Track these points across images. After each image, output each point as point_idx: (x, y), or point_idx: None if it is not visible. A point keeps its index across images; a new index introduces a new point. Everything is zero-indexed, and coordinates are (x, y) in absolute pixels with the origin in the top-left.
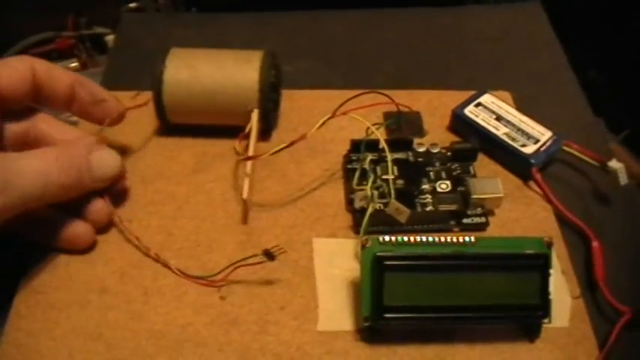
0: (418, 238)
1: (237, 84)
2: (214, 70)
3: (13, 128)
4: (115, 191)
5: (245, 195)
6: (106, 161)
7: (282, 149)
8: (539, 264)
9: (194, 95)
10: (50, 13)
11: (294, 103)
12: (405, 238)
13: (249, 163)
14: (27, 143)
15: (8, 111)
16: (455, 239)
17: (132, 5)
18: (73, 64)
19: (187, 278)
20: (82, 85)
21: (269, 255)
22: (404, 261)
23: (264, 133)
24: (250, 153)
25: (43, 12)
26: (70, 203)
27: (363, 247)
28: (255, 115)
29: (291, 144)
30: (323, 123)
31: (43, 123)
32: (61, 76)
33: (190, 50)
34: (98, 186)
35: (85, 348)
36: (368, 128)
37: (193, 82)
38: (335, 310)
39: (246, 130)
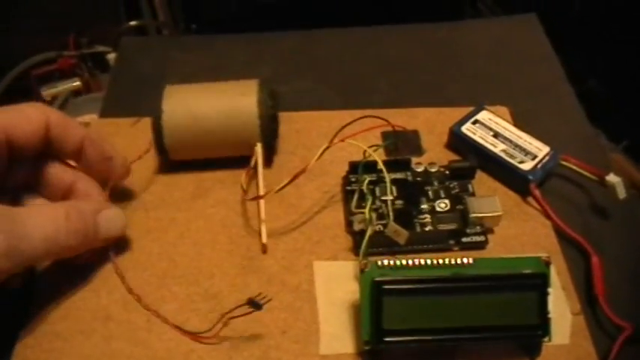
0: (417, 261)
1: (238, 121)
2: (212, 110)
3: (22, 172)
4: None
5: (264, 240)
6: (112, 222)
7: (286, 185)
8: (537, 283)
9: (195, 136)
10: (52, 33)
11: (293, 125)
12: (404, 262)
13: (262, 205)
14: (36, 185)
15: (19, 157)
16: (453, 261)
17: (132, 23)
18: (76, 83)
19: (184, 334)
20: (91, 141)
21: (255, 304)
22: (402, 285)
23: (267, 160)
24: (261, 192)
25: (45, 32)
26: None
27: (362, 271)
28: (258, 149)
29: (294, 179)
30: (322, 153)
31: (52, 167)
32: (73, 130)
33: (184, 88)
34: (101, 245)
35: None
36: (365, 151)
37: (193, 124)
38: (337, 334)
39: (252, 164)
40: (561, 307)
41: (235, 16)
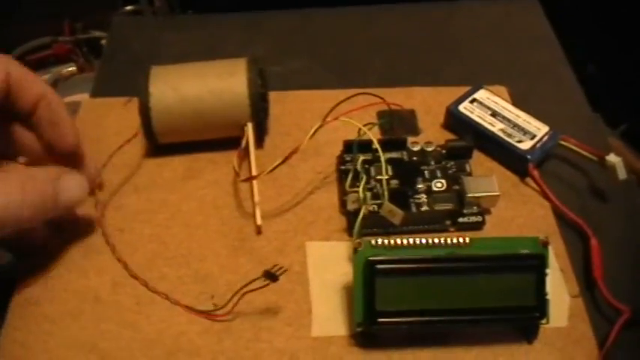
0: (411, 241)
1: (227, 101)
2: (201, 90)
3: None
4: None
5: (259, 222)
6: (72, 188)
7: (278, 165)
8: (535, 264)
9: (184, 118)
10: (47, 19)
11: (286, 105)
12: (399, 241)
13: (255, 186)
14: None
15: None
16: (448, 241)
17: (128, 8)
18: (71, 68)
19: (197, 314)
20: (47, 101)
21: (271, 276)
22: (396, 264)
23: (258, 141)
24: (253, 172)
25: (40, 18)
26: None
27: (355, 250)
28: (249, 129)
29: (286, 159)
30: (314, 132)
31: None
32: (32, 85)
33: (171, 69)
34: (62, 212)
35: (79, 359)
36: (360, 129)
37: (181, 105)
38: (329, 315)
39: (243, 144)
40: (559, 290)
41: (231, 1)
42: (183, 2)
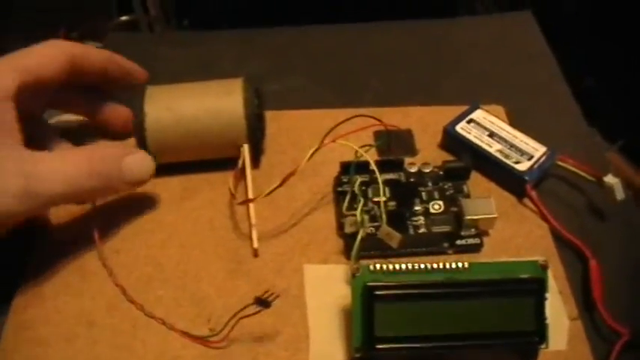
0: (410, 266)
1: (223, 121)
2: (197, 111)
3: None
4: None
5: (256, 244)
6: (138, 166)
7: (275, 189)
8: (535, 289)
9: (179, 138)
10: (42, 28)
11: (283, 124)
12: (397, 266)
13: (252, 209)
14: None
15: (45, 92)
16: (447, 265)
17: (123, 18)
18: None
19: (192, 340)
20: (112, 61)
21: (262, 302)
22: (395, 290)
23: (255, 160)
24: (250, 195)
25: (36, 27)
26: None
27: (354, 275)
28: (245, 150)
29: (284, 182)
30: (312, 155)
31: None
32: (94, 57)
33: (165, 88)
34: (127, 189)
35: None
36: (356, 151)
37: (177, 126)
38: (327, 340)
39: (239, 165)
40: (558, 312)
41: (227, 11)
42: (179, 12)
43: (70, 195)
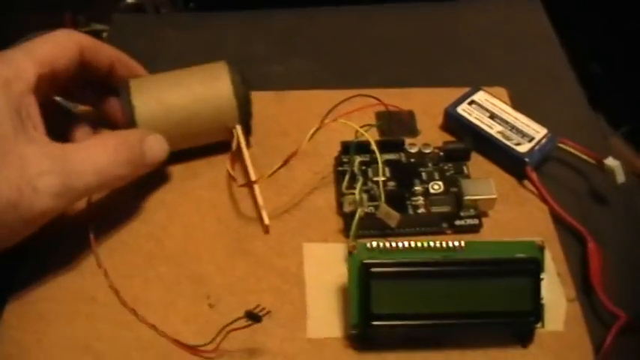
0: (406, 244)
1: (214, 107)
2: (186, 98)
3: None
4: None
5: (267, 221)
6: (156, 147)
7: (278, 169)
8: (531, 269)
9: (170, 128)
10: (48, 11)
11: (284, 105)
12: (394, 244)
13: (257, 190)
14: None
15: (58, 83)
16: (444, 244)
17: (129, 1)
18: None
19: (182, 347)
20: (120, 61)
21: (253, 317)
22: (391, 268)
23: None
24: (251, 175)
25: (42, 10)
26: None
27: (350, 253)
28: (239, 132)
29: (285, 162)
30: (312, 134)
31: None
32: (104, 52)
33: (150, 79)
34: (147, 171)
35: (74, 359)
36: (357, 131)
37: (168, 116)
38: (324, 317)
39: (233, 147)
40: (556, 294)
41: None
42: None
43: (102, 185)
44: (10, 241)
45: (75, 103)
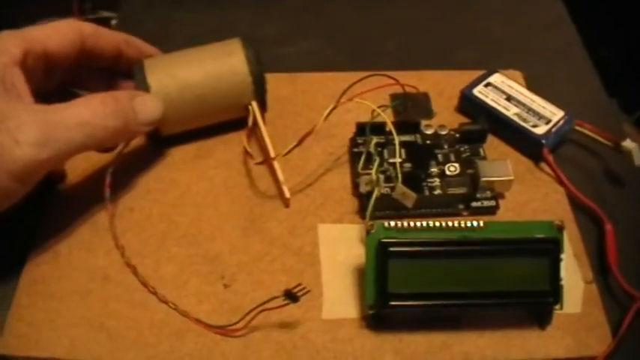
0: (424, 224)
1: (229, 83)
2: (201, 76)
3: (62, 80)
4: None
5: (287, 194)
6: (149, 105)
7: (293, 148)
8: (550, 249)
9: (186, 106)
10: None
11: (298, 86)
12: (411, 224)
13: (277, 166)
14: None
15: (58, 70)
16: (462, 224)
17: None
18: None
19: (209, 329)
20: (128, 43)
21: (291, 296)
22: (409, 247)
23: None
24: (270, 151)
25: None
26: None
27: (368, 232)
28: (255, 107)
29: (301, 141)
30: (329, 113)
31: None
32: (107, 37)
33: (164, 58)
34: (143, 130)
35: (87, 338)
36: (373, 111)
37: (183, 94)
38: (340, 298)
39: (250, 123)
40: (573, 275)
41: None
42: None
43: (89, 138)
44: (4, 202)
45: (88, 92)
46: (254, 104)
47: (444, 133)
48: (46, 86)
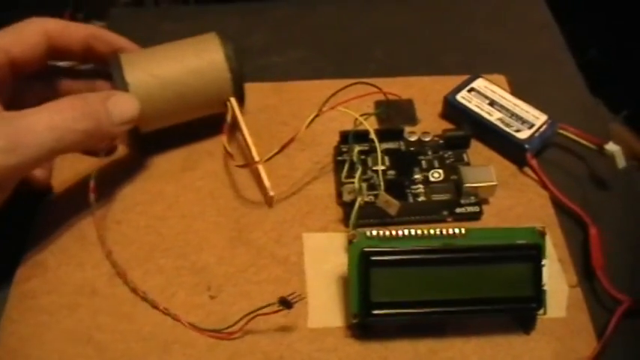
0: (406, 232)
1: (209, 79)
2: (180, 72)
3: (35, 88)
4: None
5: (271, 192)
6: (123, 105)
7: (275, 154)
8: (532, 254)
9: (166, 103)
10: (47, 8)
11: (284, 95)
12: (393, 232)
13: (262, 171)
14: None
15: (27, 74)
16: (444, 231)
17: None
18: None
19: (201, 332)
20: (96, 37)
21: (286, 303)
22: (391, 256)
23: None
24: (256, 157)
25: (41, 7)
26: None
27: (350, 242)
28: (233, 104)
29: (283, 148)
30: (311, 121)
31: (63, 77)
32: (74, 32)
33: (141, 54)
34: (119, 130)
35: (76, 352)
36: (356, 119)
37: (163, 91)
38: (325, 306)
39: (228, 120)
40: (558, 280)
41: None
42: None
43: (59, 142)
44: None
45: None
46: (232, 100)
47: (427, 139)
48: (20, 88)
